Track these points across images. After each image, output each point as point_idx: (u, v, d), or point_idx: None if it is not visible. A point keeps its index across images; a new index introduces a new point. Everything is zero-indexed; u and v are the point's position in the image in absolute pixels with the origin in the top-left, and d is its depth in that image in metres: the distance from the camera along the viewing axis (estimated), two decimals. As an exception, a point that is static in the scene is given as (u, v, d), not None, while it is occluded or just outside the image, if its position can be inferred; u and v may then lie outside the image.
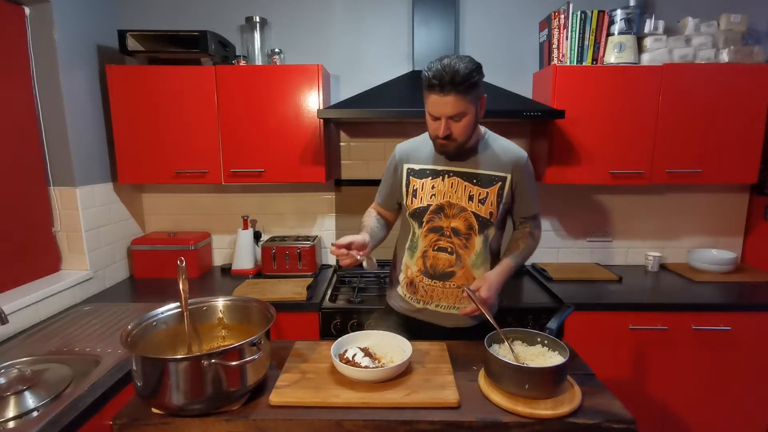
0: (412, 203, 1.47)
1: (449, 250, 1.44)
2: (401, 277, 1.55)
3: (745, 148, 2.11)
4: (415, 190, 1.46)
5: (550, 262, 2.53)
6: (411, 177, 1.47)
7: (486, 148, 1.44)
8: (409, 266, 1.51)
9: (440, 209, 1.43)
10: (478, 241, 1.43)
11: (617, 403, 1.06)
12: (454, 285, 1.45)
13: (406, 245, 1.53)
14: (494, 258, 1.50)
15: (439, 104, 1.26)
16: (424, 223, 1.45)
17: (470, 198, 1.41)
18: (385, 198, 1.58)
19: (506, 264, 1.41)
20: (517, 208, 1.49)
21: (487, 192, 1.41)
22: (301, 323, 1.97)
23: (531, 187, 1.47)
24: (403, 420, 1.01)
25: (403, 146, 1.53)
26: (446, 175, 1.42)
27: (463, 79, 1.22)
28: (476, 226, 1.42)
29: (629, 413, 1.02)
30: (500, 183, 1.42)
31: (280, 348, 1.31)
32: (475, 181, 1.41)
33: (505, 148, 1.45)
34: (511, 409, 1.03)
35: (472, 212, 1.41)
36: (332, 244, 1.28)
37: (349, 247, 1.28)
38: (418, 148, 1.50)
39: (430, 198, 1.43)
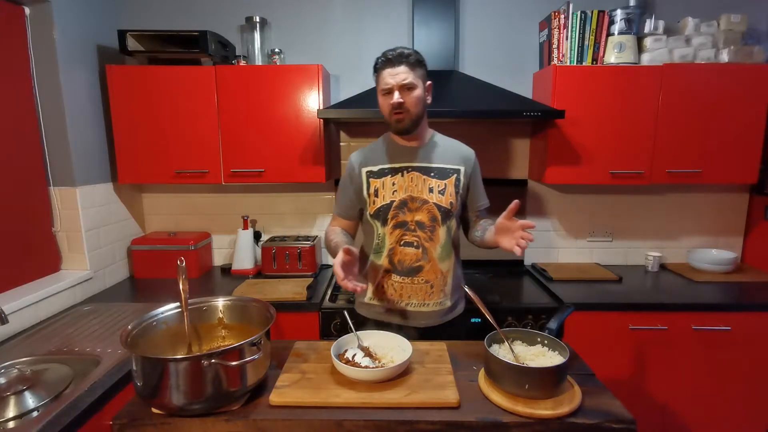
0: (374, 203, 1.49)
1: (415, 244, 1.47)
2: (367, 284, 1.54)
3: (745, 148, 2.11)
4: (376, 190, 1.49)
5: (550, 262, 2.53)
6: (370, 179, 1.51)
7: (437, 145, 1.53)
8: (376, 268, 1.51)
9: (403, 204, 1.47)
10: (442, 232, 1.48)
11: (617, 403, 1.06)
12: (422, 280, 1.48)
13: (371, 250, 1.53)
14: (456, 251, 1.55)
15: (391, 75, 1.38)
16: (389, 220, 1.48)
17: (430, 190, 1.48)
18: (345, 208, 1.56)
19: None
20: (472, 199, 1.56)
21: (445, 183, 1.49)
22: (301, 323, 1.96)
23: (480, 181, 1.59)
24: (403, 420, 1.01)
25: (358, 154, 1.57)
26: (405, 171, 1.48)
27: (410, 54, 1.39)
28: (439, 217, 1.47)
29: (629, 413, 1.02)
30: (455, 174, 1.50)
31: (280, 348, 1.31)
32: (432, 174, 1.48)
33: (454, 145, 1.57)
34: (511, 409, 1.03)
35: (434, 203, 1.47)
36: (342, 281, 1.24)
37: (348, 270, 1.28)
38: (372, 153, 1.54)
39: (392, 194, 1.48)
